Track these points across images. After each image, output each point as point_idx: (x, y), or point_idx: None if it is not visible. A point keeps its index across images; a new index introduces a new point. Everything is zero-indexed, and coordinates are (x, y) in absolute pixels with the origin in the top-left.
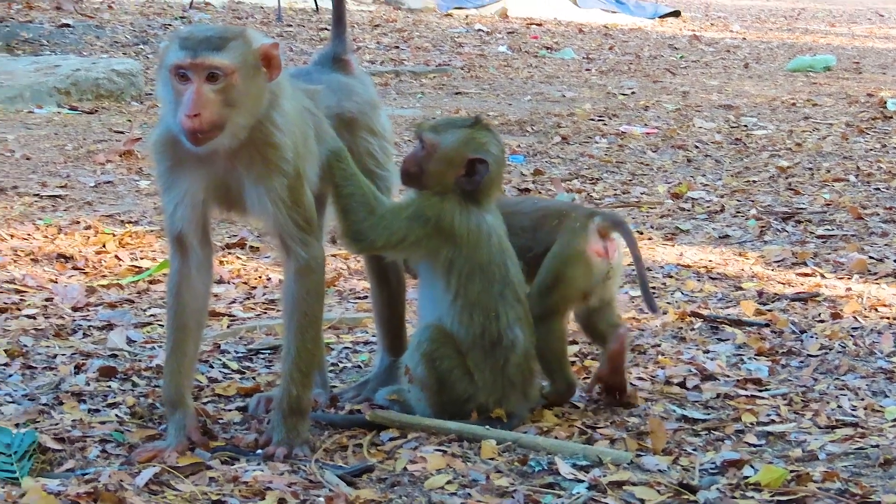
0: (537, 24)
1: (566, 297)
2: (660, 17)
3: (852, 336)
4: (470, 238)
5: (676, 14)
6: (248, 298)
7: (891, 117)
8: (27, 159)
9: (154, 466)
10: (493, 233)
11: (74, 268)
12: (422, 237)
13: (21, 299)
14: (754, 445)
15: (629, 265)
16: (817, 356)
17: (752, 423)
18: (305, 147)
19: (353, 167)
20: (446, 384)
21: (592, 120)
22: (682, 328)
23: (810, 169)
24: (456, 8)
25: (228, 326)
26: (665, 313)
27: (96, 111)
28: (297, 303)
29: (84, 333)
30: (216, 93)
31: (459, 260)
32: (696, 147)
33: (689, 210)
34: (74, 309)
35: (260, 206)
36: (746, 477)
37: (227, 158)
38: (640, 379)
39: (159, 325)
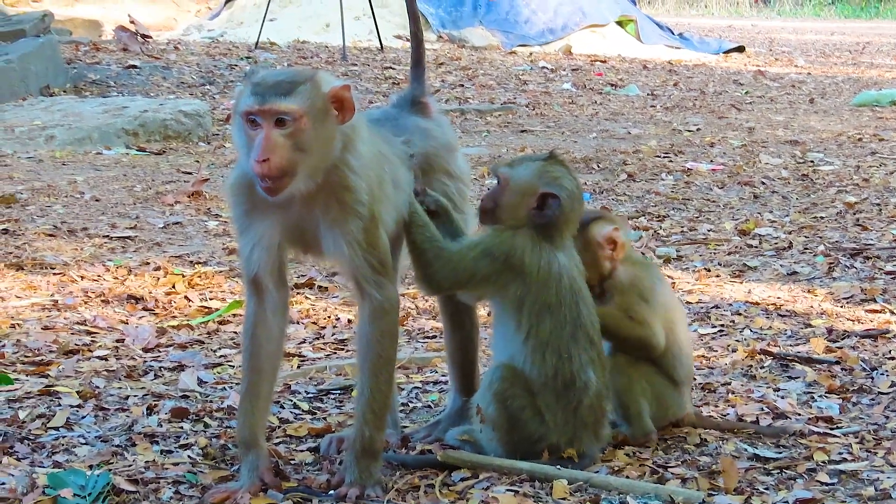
0: (601, 61)
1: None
2: (724, 52)
3: None
4: (540, 275)
5: (741, 49)
6: (317, 338)
7: None
8: (96, 201)
9: None
10: (565, 273)
11: (144, 308)
12: (490, 273)
13: (92, 341)
14: (827, 484)
15: (688, 303)
16: (888, 393)
17: (823, 462)
18: (381, 190)
19: (423, 216)
20: (517, 423)
21: (658, 157)
22: (751, 366)
23: (878, 204)
24: (520, 45)
25: (298, 366)
26: (735, 351)
27: (164, 152)
28: (371, 344)
29: (155, 374)
30: (285, 137)
31: (529, 297)
32: (763, 183)
33: (756, 247)
34: (145, 350)
35: (336, 248)
36: None
37: (302, 202)
38: (710, 417)
39: (230, 365)
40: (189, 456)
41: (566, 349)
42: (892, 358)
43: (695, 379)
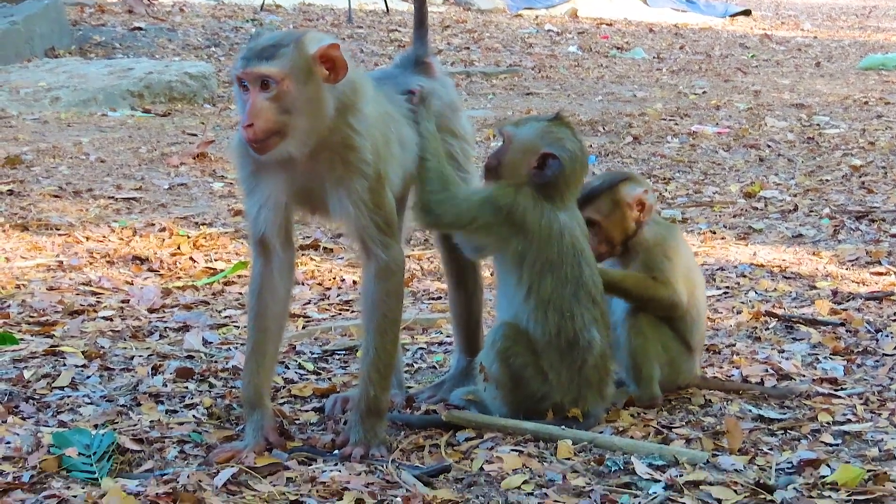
0: (607, 24)
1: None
2: (730, 15)
3: None
4: (541, 233)
5: (747, 13)
6: (322, 299)
7: None
8: (102, 162)
9: (232, 467)
10: (567, 232)
11: (150, 269)
12: (492, 223)
13: (97, 301)
14: (831, 445)
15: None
16: (893, 355)
17: (828, 423)
18: (387, 150)
19: (439, 145)
20: (521, 382)
21: (664, 119)
22: (756, 328)
23: (883, 167)
24: (526, 8)
25: (303, 327)
26: (740, 313)
27: (169, 114)
28: (376, 304)
29: (160, 335)
30: (270, 101)
31: (530, 254)
32: (769, 146)
33: (761, 209)
34: (150, 311)
35: (341, 208)
36: (823, 476)
37: (307, 162)
38: (716, 378)
39: (235, 326)
40: (194, 416)
41: (568, 308)
42: None
43: None
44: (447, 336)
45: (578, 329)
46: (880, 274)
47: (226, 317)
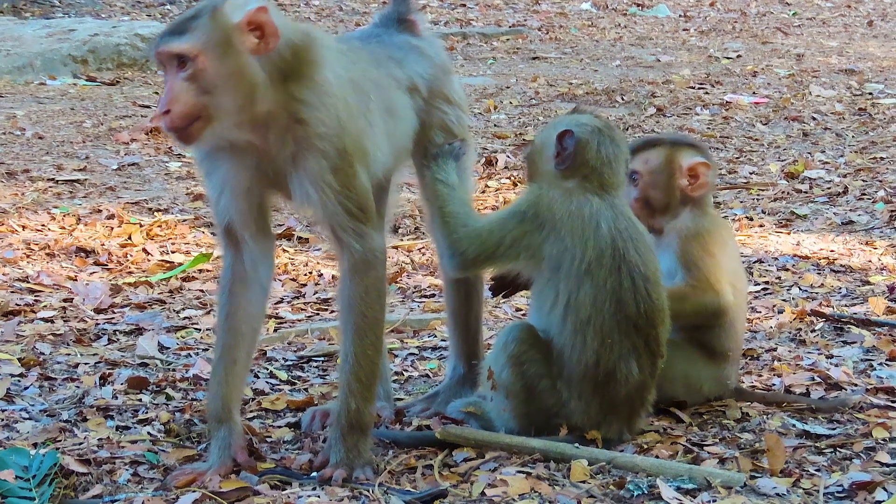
0: None
1: None
2: None
3: None
4: (572, 223)
5: None
6: (297, 298)
7: None
8: (40, 139)
9: (194, 492)
10: (604, 221)
11: (96, 263)
12: (519, 235)
13: (36, 300)
14: (887, 465)
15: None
16: None
17: (884, 440)
18: (358, 121)
19: (463, 194)
20: (533, 393)
21: (692, 88)
22: (801, 329)
23: None
24: None
25: (276, 330)
26: (781, 312)
27: (118, 82)
28: (353, 303)
29: (109, 339)
30: (188, 81)
31: (566, 256)
32: (814, 119)
33: (806, 192)
34: (97, 311)
35: (302, 192)
36: (879, 502)
37: (261, 141)
38: (753, 388)
39: (195, 328)
40: (149, 432)
41: (609, 332)
42: None
43: None
44: (442, 339)
45: (617, 359)
46: None
47: (185, 318)
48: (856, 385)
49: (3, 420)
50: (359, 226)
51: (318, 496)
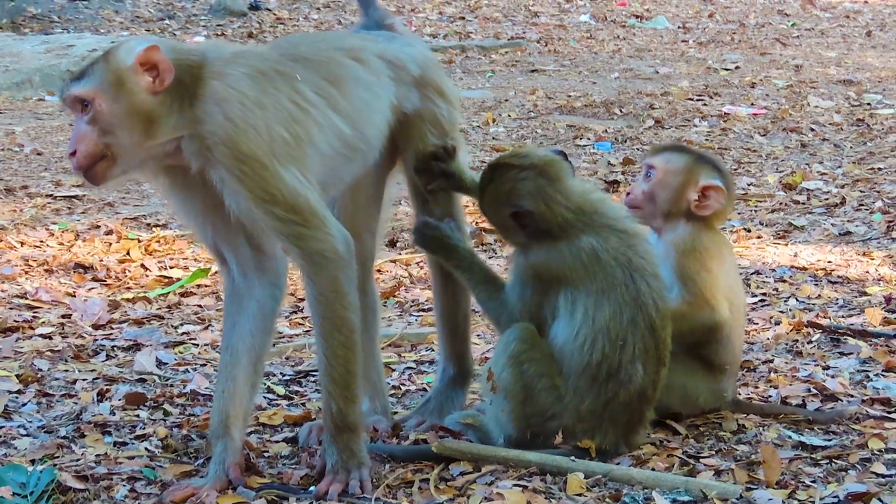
0: None
1: None
2: None
3: None
4: (574, 271)
5: None
6: (294, 312)
7: None
8: (38, 155)
9: None
10: (601, 252)
11: (95, 279)
12: (533, 295)
13: (34, 316)
14: (883, 476)
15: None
16: None
17: (880, 451)
18: (284, 109)
19: (479, 263)
20: (531, 393)
21: (690, 100)
22: (797, 340)
23: None
24: None
25: (273, 345)
26: (778, 323)
27: None
28: (312, 306)
29: (107, 355)
30: (89, 123)
31: (580, 295)
32: (812, 129)
33: (804, 203)
34: (95, 327)
35: (238, 209)
36: None
37: (178, 169)
38: (750, 399)
39: (193, 344)
40: (146, 448)
41: (622, 335)
42: None
43: None
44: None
45: (624, 361)
46: None
47: (183, 333)
48: (852, 396)
49: (0, 437)
50: (298, 229)
51: None
